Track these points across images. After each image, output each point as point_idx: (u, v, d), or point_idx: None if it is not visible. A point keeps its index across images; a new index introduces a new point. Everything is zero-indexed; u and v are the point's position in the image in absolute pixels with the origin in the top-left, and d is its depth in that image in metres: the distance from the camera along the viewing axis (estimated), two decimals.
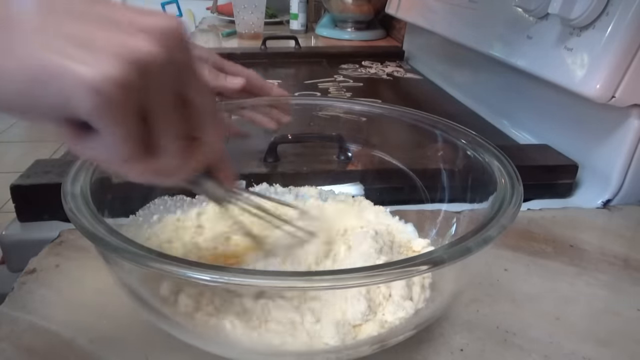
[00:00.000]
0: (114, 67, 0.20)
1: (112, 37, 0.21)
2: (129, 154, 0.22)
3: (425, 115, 0.45)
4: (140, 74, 0.21)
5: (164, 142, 0.24)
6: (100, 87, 0.19)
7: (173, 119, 0.24)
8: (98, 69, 0.20)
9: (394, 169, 0.48)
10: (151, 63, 0.21)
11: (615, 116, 0.54)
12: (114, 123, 0.21)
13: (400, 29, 1.34)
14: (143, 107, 0.22)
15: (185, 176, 0.27)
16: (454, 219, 0.41)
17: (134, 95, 0.21)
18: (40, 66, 0.20)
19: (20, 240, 0.47)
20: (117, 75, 0.20)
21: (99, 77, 0.19)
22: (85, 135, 0.22)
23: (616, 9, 0.50)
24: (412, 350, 0.34)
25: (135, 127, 0.22)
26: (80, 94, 0.20)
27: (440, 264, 0.26)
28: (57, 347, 0.33)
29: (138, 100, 0.21)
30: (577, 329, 0.37)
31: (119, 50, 0.20)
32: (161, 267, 0.25)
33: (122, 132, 0.21)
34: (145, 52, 0.21)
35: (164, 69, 0.22)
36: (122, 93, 0.20)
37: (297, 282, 0.25)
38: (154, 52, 0.21)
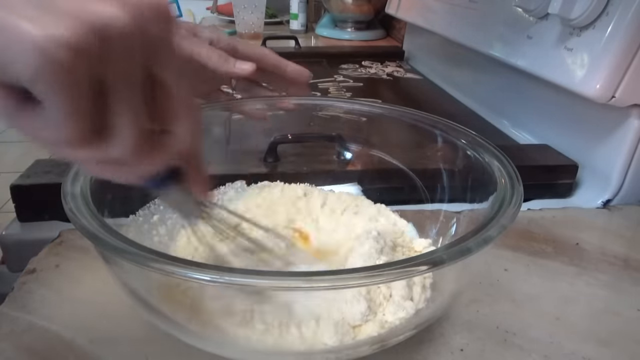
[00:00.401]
0: (66, 27, 0.17)
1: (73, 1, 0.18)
2: (75, 133, 0.19)
3: (425, 115, 0.45)
4: (99, 40, 0.18)
5: (118, 123, 0.20)
6: (45, 47, 0.17)
7: (133, 97, 0.20)
8: (47, 27, 0.17)
9: (394, 169, 0.48)
10: (113, 28, 0.18)
11: (615, 116, 0.54)
12: (58, 92, 0.18)
13: (400, 29, 1.34)
14: (100, 81, 0.19)
15: (143, 174, 0.23)
16: (454, 219, 0.41)
17: (86, 62, 0.18)
18: None
19: (20, 240, 0.47)
20: (68, 36, 0.17)
21: (45, 36, 0.17)
22: (26, 107, 0.19)
23: (616, 9, 0.50)
24: (412, 350, 0.34)
25: (85, 101, 0.19)
26: (23, 54, 0.17)
27: (440, 264, 0.26)
28: (57, 347, 0.33)
29: (93, 71, 0.19)
30: (577, 329, 0.37)
31: (78, 12, 0.18)
32: (161, 267, 0.25)
33: (67, 104, 0.18)
34: (107, 16, 0.18)
35: (128, 38, 0.19)
36: (72, 57, 0.17)
37: (297, 282, 0.25)
38: (118, 17, 0.18)
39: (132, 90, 0.20)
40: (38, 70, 0.17)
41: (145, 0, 0.20)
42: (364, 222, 0.44)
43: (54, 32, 0.17)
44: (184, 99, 0.22)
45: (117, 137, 0.20)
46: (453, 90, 0.93)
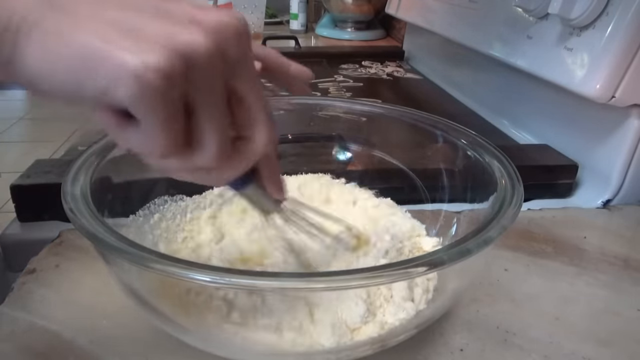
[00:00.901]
0: (157, 55, 0.20)
1: (162, 28, 0.21)
2: (168, 146, 0.22)
3: (425, 115, 0.45)
4: (186, 65, 0.21)
5: (206, 136, 0.23)
6: (141, 74, 0.20)
7: (218, 113, 0.23)
8: (141, 56, 0.20)
9: (394, 169, 0.48)
10: (198, 54, 0.21)
11: (615, 116, 0.54)
12: (153, 112, 0.21)
13: (400, 29, 1.34)
14: (188, 100, 0.22)
15: (226, 177, 0.26)
16: (454, 219, 0.41)
17: (176, 85, 0.21)
18: (87, 51, 0.20)
19: (20, 240, 0.47)
20: (160, 63, 0.20)
21: (140, 64, 0.20)
22: (126, 124, 0.22)
23: (616, 9, 0.50)
24: (412, 350, 0.34)
25: (176, 119, 0.22)
26: (122, 80, 0.20)
27: (440, 265, 0.26)
28: (57, 347, 0.33)
29: (182, 92, 0.21)
30: (577, 329, 0.37)
31: (166, 40, 0.20)
32: (161, 267, 0.25)
33: (161, 122, 0.21)
34: (192, 43, 0.21)
35: (212, 62, 0.21)
36: (163, 82, 0.20)
37: (297, 282, 0.25)
38: (202, 44, 0.21)
39: (216, 106, 0.23)
40: (136, 94, 0.20)
41: (226, 25, 0.22)
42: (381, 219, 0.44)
43: (147, 61, 0.20)
44: (261, 108, 0.25)
45: (204, 147, 0.23)
46: (453, 90, 0.93)
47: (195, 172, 0.25)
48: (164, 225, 0.42)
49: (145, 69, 0.20)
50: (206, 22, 0.22)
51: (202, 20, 0.22)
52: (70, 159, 0.35)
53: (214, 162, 0.24)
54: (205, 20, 0.22)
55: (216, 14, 0.22)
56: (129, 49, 0.20)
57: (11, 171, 1.67)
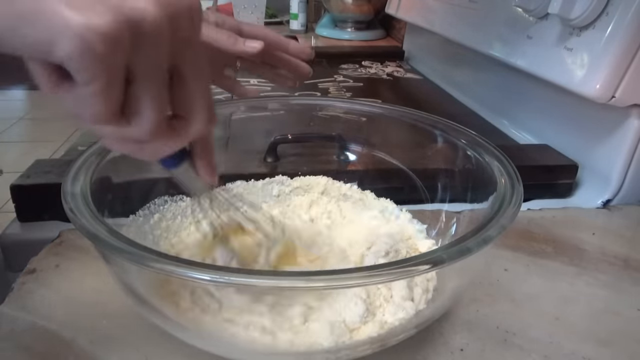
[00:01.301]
0: (104, 17, 0.19)
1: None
2: (103, 111, 0.22)
3: (425, 115, 0.45)
4: (132, 32, 0.20)
5: (142, 107, 0.23)
6: (85, 35, 0.19)
7: (157, 86, 0.23)
8: (88, 14, 0.19)
9: (394, 169, 0.48)
10: (146, 23, 0.21)
11: (615, 116, 0.54)
12: (92, 74, 0.20)
13: (400, 29, 1.34)
14: (129, 69, 0.22)
15: (158, 153, 0.26)
16: (454, 219, 0.41)
17: (119, 51, 0.20)
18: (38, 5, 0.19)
19: (20, 240, 0.47)
20: (105, 26, 0.19)
21: (86, 25, 0.19)
22: (61, 83, 0.21)
23: (616, 9, 0.50)
24: (412, 350, 0.34)
25: (115, 85, 0.21)
26: (65, 38, 0.19)
27: (439, 264, 0.26)
28: (57, 347, 0.33)
29: (124, 59, 0.21)
30: (577, 329, 0.37)
31: (117, 5, 0.20)
32: (161, 266, 0.25)
33: (99, 86, 0.21)
34: (143, 10, 0.20)
35: (159, 33, 0.21)
36: (107, 45, 0.20)
37: (296, 281, 0.25)
38: (152, 12, 0.21)
39: (156, 79, 0.22)
40: (76, 54, 0.19)
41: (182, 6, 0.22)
42: (375, 220, 0.44)
43: (93, 22, 0.19)
44: (201, 89, 0.25)
45: (139, 118, 0.23)
46: (453, 90, 0.93)
47: (128, 143, 0.25)
48: (164, 225, 0.42)
49: (89, 29, 0.19)
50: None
51: None
52: (70, 159, 0.35)
53: (147, 135, 0.23)
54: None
55: None
56: (76, 7, 0.19)
57: (11, 171, 1.67)
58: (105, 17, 0.20)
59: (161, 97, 0.23)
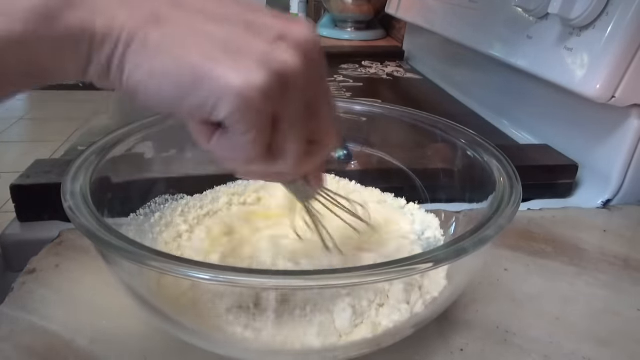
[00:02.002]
0: (259, 76, 0.21)
1: (255, 45, 0.22)
2: (254, 154, 0.24)
3: (425, 115, 0.45)
4: (281, 84, 0.22)
5: (288, 147, 0.25)
6: (245, 93, 0.21)
7: (300, 126, 0.24)
8: (245, 76, 0.21)
9: (394, 169, 0.48)
10: (292, 73, 0.22)
11: (615, 116, 0.54)
12: (249, 127, 0.22)
13: (400, 29, 1.34)
14: (276, 114, 0.23)
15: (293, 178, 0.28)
16: (453, 219, 0.41)
17: (271, 103, 0.22)
18: (194, 69, 0.21)
19: (20, 240, 0.47)
20: (261, 83, 0.21)
21: (245, 84, 0.21)
22: (216, 134, 0.24)
23: (616, 9, 0.50)
24: (412, 350, 0.34)
25: (266, 131, 0.23)
26: (226, 98, 0.21)
27: (437, 264, 0.26)
28: (57, 347, 0.33)
29: (274, 108, 0.23)
30: (577, 329, 0.37)
31: (263, 59, 0.22)
32: (160, 265, 0.25)
33: (253, 136, 0.23)
34: (287, 62, 0.22)
35: (301, 81, 0.23)
36: (263, 100, 0.21)
37: (297, 281, 0.25)
38: (296, 65, 0.22)
39: (299, 120, 0.24)
40: (237, 111, 0.22)
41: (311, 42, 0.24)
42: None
43: (251, 81, 0.21)
44: (332, 117, 0.27)
45: (285, 157, 0.25)
46: (453, 90, 0.93)
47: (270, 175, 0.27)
48: (163, 222, 0.42)
49: (249, 88, 0.21)
50: (294, 38, 0.23)
51: (289, 35, 0.23)
52: (70, 159, 0.35)
53: (292, 168, 0.26)
54: (293, 36, 0.23)
55: (300, 29, 0.23)
56: (233, 68, 0.21)
57: (11, 171, 1.67)
58: (260, 74, 0.21)
59: (303, 134, 0.25)
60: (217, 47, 0.22)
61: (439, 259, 0.26)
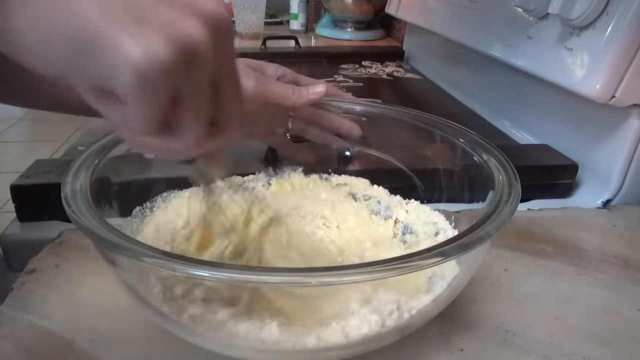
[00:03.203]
0: (162, 49, 0.20)
1: (165, 15, 0.20)
2: (148, 127, 0.22)
3: (425, 115, 0.45)
4: (185, 59, 0.21)
5: (186, 125, 0.23)
6: (144, 69, 0.19)
7: (201, 105, 0.23)
8: (146, 48, 0.19)
9: (393, 169, 0.48)
10: (197, 46, 0.21)
11: (615, 116, 0.54)
12: (146, 102, 0.21)
13: (400, 29, 1.34)
14: (176, 89, 0.22)
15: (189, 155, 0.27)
16: (453, 219, 0.41)
17: (172, 78, 0.21)
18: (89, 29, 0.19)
19: (20, 240, 0.47)
20: (164, 58, 0.20)
21: (145, 59, 0.19)
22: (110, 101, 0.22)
23: (616, 9, 0.50)
24: (412, 350, 0.34)
25: (162, 105, 0.22)
26: (124, 71, 0.19)
27: (440, 260, 0.26)
28: (57, 347, 0.33)
29: (173, 82, 0.21)
30: (577, 329, 0.37)
31: (170, 31, 0.20)
32: (159, 263, 0.25)
33: (147, 108, 0.21)
34: (193, 35, 0.21)
35: (206, 57, 0.22)
36: (163, 76, 0.20)
37: (295, 278, 0.25)
38: (202, 38, 0.21)
39: (200, 98, 0.23)
40: (134, 86, 0.20)
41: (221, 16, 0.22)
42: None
43: (153, 55, 0.19)
44: (236, 100, 0.25)
45: (183, 135, 0.23)
46: (453, 90, 0.93)
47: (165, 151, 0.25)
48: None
49: (149, 63, 0.19)
50: (205, 11, 0.21)
51: (199, 7, 0.21)
52: (70, 159, 0.35)
53: (189, 147, 0.24)
54: (204, 9, 0.21)
55: (211, 4, 0.22)
56: (134, 36, 0.19)
57: (11, 171, 1.67)
58: (163, 46, 0.20)
59: (204, 113, 0.24)
60: (122, 13, 0.19)
61: (441, 254, 0.26)
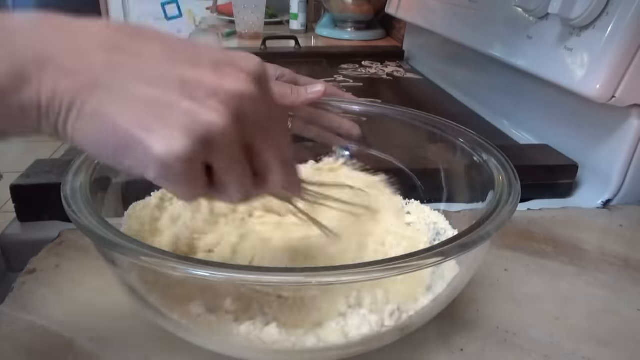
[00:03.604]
0: (180, 143, 0.22)
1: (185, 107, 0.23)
2: (197, 197, 0.26)
3: (425, 115, 0.45)
4: (206, 144, 0.23)
5: (226, 186, 0.26)
6: (166, 161, 0.22)
7: (235, 169, 0.25)
8: (167, 144, 0.22)
9: (394, 169, 0.48)
10: (217, 133, 0.23)
11: (615, 116, 0.54)
12: (175, 183, 0.24)
13: (400, 29, 1.34)
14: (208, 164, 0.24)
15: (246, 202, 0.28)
16: (452, 219, 0.41)
17: (196, 162, 0.23)
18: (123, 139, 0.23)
19: (20, 240, 0.47)
20: (181, 151, 0.22)
21: (166, 153, 0.22)
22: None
23: (616, 9, 0.50)
24: (412, 350, 0.34)
25: (197, 181, 0.24)
26: (151, 165, 0.23)
27: (440, 259, 0.26)
28: (57, 347, 0.33)
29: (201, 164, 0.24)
30: (577, 329, 0.37)
31: (189, 122, 0.23)
32: (159, 263, 0.25)
33: (183, 188, 0.24)
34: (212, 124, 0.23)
35: (229, 136, 0.24)
36: (185, 164, 0.23)
37: (294, 278, 0.25)
38: (220, 124, 0.23)
39: (233, 164, 0.25)
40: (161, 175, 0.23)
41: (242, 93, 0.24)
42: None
43: (172, 151, 0.22)
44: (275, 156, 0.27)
45: (226, 193, 0.26)
46: (453, 90, 0.93)
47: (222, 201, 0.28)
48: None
49: (169, 156, 0.22)
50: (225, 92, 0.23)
51: (221, 89, 0.23)
52: (70, 159, 0.35)
53: (236, 201, 0.27)
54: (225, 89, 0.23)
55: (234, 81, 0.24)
56: (157, 136, 0.22)
57: (11, 171, 1.67)
58: (182, 142, 0.22)
59: (241, 174, 0.26)
60: (147, 113, 0.23)
61: (441, 254, 0.26)
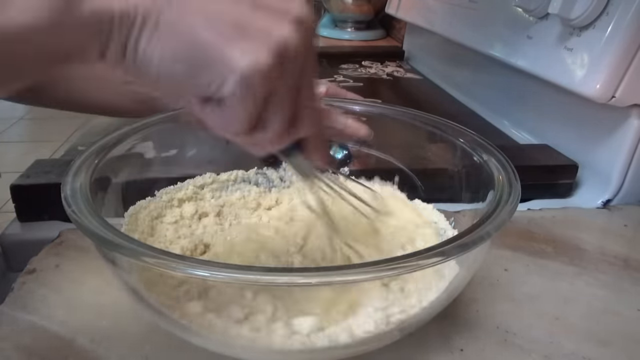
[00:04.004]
0: (262, 57, 0.22)
1: (262, 23, 0.23)
2: (243, 127, 0.25)
3: (425, 115, 0.45)
4: (281, 61, 0.23)
5: (272, 122, 0.25)
6: (249, 75, 0.22)
7: (288, 103, 0.25)
8: (250, 57, 0.22)
9: (394, 169, 0.48)
10: (291, 51, 0.23)
11: (615, 116, 0.54)
12: (245, 104, 0.23)
13: (400, 29, 1.34)
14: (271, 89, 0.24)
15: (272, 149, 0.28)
16: (452, 219, 0.41)
17: (269, 81, 0.23)
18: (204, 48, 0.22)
19: (20, 240, 0.47)
20: (266, 64, 0.22)
21: (250, 66, 0.22)
22: (209, 105, 0.24)
23: (616, 9, 0.50)
24: (412, 349, 0.34)
25: (258, 107, 0.24)
26: (232, 77, 0.22)
27: (440, 259, 0.26)
28: (57, 347, 0.33)
29: (270, 86, 0.24)
30: (577, 329, 0.37)
31: (269, 38, 0.23)
32: (159, 263, 0.25)
33: (246, 112, 0.24)
34: (287, 40, 0.23)
35: (298, 60, 0.24)
36: (264, 79, 0.23)
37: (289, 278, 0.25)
38: (294, 41, 0.23)
39: (288, 97, 0.25)
40: (237, 89, 0.23)
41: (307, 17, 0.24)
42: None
43: (256, 65, 0.22)
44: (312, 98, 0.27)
45: (266, 130, 0.26)
46: (453, 90, 0.93)
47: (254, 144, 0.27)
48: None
49: (254, 69, 0.22)
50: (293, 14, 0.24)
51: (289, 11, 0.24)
52: (70, 159, 0.35)
53: (269, 142, 0.27)
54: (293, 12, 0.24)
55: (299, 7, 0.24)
56: (240, 49, 0.22)
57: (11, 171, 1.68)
58: (264, 55, 0.22)
59: (288, 111, 0.26)
60: (228, 27, 0.22)
61: (442, 254, 0.26)
